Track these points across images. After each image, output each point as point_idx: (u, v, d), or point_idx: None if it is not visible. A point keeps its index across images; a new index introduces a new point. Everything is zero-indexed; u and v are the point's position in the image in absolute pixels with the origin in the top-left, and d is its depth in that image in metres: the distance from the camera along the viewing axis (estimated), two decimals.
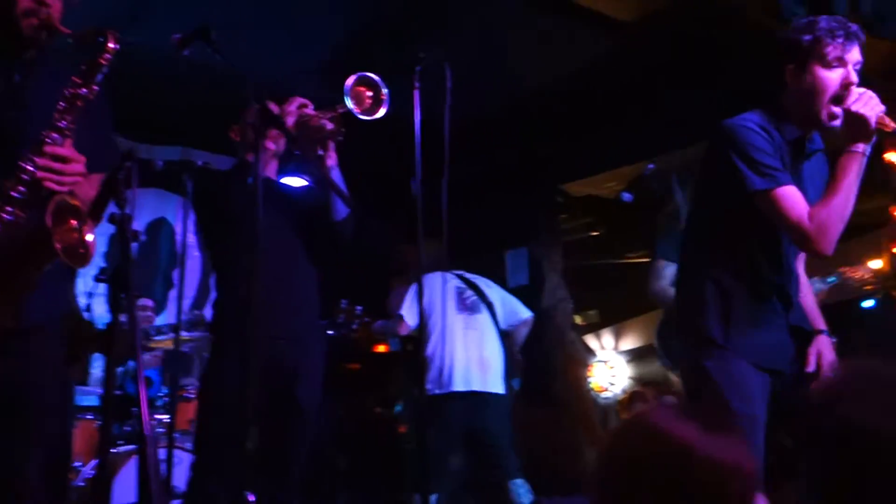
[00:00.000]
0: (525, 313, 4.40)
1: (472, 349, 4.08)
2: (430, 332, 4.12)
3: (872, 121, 2.09)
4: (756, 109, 2.26)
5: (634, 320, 8.11)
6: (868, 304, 6.85)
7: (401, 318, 4.17)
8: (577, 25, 4.38)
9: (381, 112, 2.65)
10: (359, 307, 4.07)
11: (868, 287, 6.44)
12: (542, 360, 5.57)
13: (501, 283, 5.95)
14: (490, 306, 4.23)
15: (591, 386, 8.31)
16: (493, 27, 4.40)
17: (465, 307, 4.20)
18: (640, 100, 5.15)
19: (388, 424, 5.24)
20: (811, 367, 2.29)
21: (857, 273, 4.28)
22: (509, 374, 4.23)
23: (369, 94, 2.65)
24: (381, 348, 6.08)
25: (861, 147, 2.12)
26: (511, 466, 4.03)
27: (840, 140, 2.17)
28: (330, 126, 2.74)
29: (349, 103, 2.60)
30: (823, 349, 2.35)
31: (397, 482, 4.74)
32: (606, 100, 5.22)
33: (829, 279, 4.38)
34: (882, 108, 2.11)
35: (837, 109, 2.15)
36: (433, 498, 3.94)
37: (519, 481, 3.99)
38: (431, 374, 4.06)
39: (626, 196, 4.27)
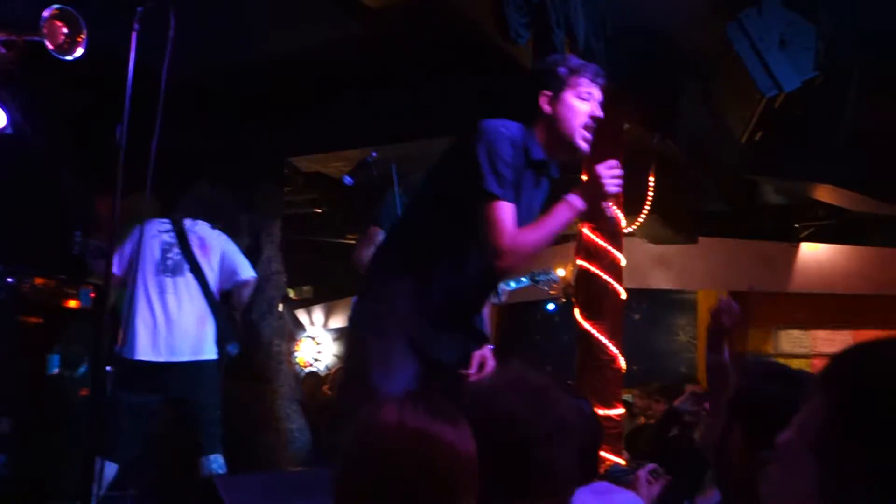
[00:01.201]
0: (245, 273, 4.16)
1: (167, 316, 3.83)
2: (128, 291, 3.82)
3: (605, 194, 2.29)
4: (516, 122, 2.36)
5: (347, 300, 8.27)
6: (551, 306, 7.65)
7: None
8: (325, 1, 4.34)
9: (76, 54, 2.40)
10: (94, 242, 3.68)
11: (553, 291, 7.21)
12: (248, 331, 5.40)
13: None
14: (197, 268, 3.95)
15: (297, 360, 8.35)
16: None
17: (166, 269, 3.91)
18: (374, 87, 5.23)
19: (68, 386, 4.81)
20: (473, 370, 2.47)
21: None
22: (224, 339, 3.98)
23: (65, 30, 2.39)
24: (73, 303, 5.59)
25: (580, 205, 2.31)
26: (210, 441, 3.84)
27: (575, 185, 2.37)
28: (1, 50, 2.43)
29: (41, 35, 2.32)
30: (487, 355, 2.54)
31: (71, 448, 4.38)
32: (343, 81, 5.22)
33: (522, 280, 4.73)
34: (617, 191, 2.31)
35: (588, 135, 2.34)
36: (113, 468, 3.70)
37: (214, 457, 3.81)
38: (123, 337, 3.77)
39: (348, 179, 4.28)
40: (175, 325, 3.82)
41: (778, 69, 4.32)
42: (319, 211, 6.61)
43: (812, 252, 6.10)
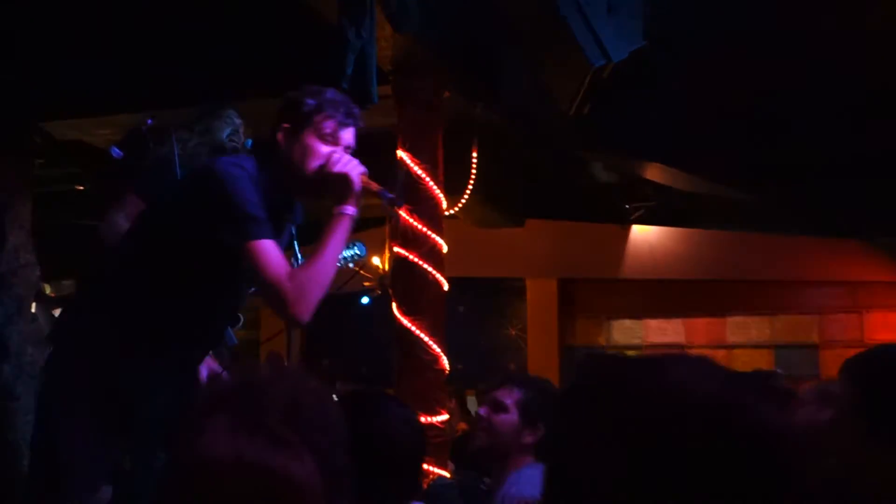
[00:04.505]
0: None
1: None
2: None
3: (356, 181, 2.18)
4: (251, 156, 2.34)
5: None
6: (365, 300, 7.24)
7: None
8: None
9: None
10: None
11: (367, 283, 6.74)
12: None
13: None
14: None
15: None
16: None
17: None
18: (150, 40, 4.46)
19: None
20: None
21: None
22: None
23: None
24: None
25: (348, 209, 2.19)
26: None
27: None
28: None
29: None
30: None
31: None
32: (111, 30, 4.43)
33: None
34: (363, 168, 2.21)
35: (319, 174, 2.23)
36: None
37: None
38: None
39: (116, 151, 3.75)
40: None
41: (606, 37, 4.31)
42: (81, 188, 5.76)
43: (643, 234, 5.96)
